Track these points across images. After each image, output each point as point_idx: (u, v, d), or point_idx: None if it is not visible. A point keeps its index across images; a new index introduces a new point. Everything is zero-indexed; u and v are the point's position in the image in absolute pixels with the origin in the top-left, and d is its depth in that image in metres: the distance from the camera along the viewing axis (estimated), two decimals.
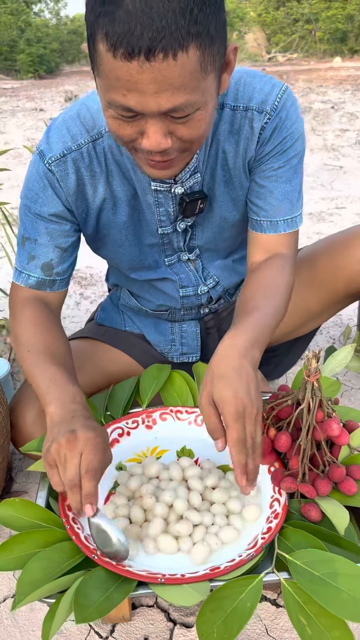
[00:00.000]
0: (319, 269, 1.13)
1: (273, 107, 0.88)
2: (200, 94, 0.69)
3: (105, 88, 0.69)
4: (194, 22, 0.63)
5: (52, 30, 25.01)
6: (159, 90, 0.66)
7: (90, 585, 0.72)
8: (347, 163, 3.62)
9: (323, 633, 0.69)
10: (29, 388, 1.07)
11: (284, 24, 20.53)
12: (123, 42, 0.62)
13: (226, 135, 0.91)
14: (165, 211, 0.96)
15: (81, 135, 0.89)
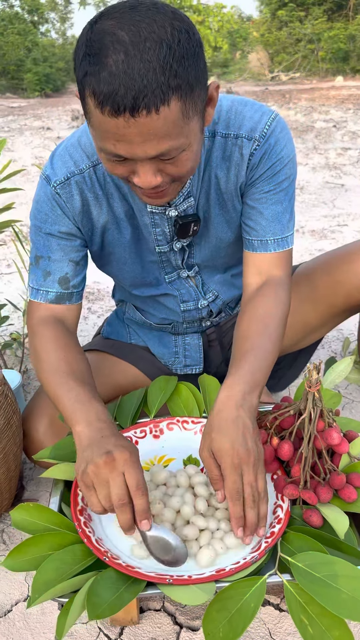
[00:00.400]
0: (318, 284, 1.18)
1: (262, 134, 0.92)
2: (184, 138, 0.74)
3: (97, 137, 0.75)
4: (174, 76, 0.68)
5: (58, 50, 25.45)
6: (145, 141, 0.71)
7: (101, 584, 0.76)
8: (348, 181, 3.68)
9: (324, 632, 0.72)
10: (40, 399, 1.12)
11: (287, 44, 20.84)
12: (109, 101, 0.68)
13: (219, 161, 0.95)
14: (162, 231, 1.00)
15: (82, 160, 0.95)
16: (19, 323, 1.90)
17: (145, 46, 0.67)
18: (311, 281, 1.19)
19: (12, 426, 1.05)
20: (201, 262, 1.10)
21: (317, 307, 1.19)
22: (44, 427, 1.07)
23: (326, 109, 7.15)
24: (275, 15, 23.33)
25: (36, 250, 1.01)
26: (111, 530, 0.89)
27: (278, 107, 7.44)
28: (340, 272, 1.15)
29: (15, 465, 1.08)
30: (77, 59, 0.72)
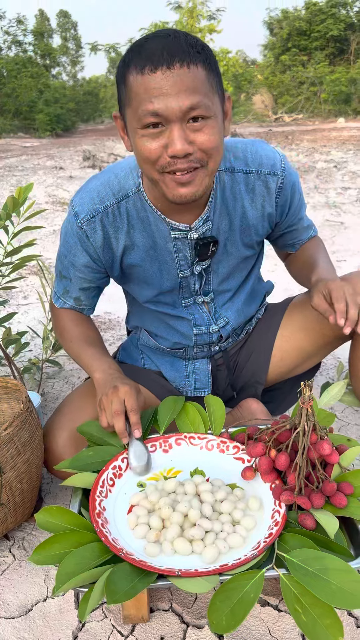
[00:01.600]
0: (309, 315, 1.29)
1: (282, 169, 1.13)
2: (210, 102, 0.90)
3: (136, 108, 0.90)
4: (199, 52, 0.89)
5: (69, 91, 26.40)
6: (179, 91, 0.87)
7: (118, 575, 0.85)
8: (348, 219, 3.85)
9: (316, 620, 0.81)
10: (60, 415, 1.23)
11: (290, 86, 21.54)
12: (149, 61, 0.87)
13: (243, 193, 1.13)
14: (184, 256, 1.15)
15: (108, 198, 1.11)
16: (36, 350, 2.03)
17: (173, 35, 0.89)
18: (303, 312, 1.31)
19: (35, 440, 1.15)
20: (217, 288, 1.24)
21: (310, 335, 1.30)
22: (63, 440, 1.18)
23: (327, 149, 7.41)
24: (278, 60, 24.19)
25: (62, 268, 1.22)
26: (126, 533, 0.99)
27: (281, 148, 7.71)
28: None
29: (37, 476, 1.18)
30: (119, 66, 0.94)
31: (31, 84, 21.74)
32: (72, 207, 1.14)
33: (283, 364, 1.35)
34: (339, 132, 10.89)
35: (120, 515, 1.03)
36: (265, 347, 1.35)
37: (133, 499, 1.05)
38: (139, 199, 1.10)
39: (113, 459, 1.11)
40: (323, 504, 0.98)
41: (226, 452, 1.16)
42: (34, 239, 1.52)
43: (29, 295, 2.72)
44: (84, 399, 1.24)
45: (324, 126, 13.36)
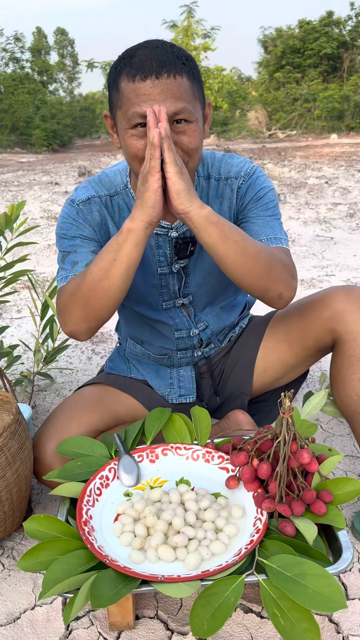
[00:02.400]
0: (292, 328, 1.33)
1: (246, 173, 1.21)
2: (193, 108, 1.01)
3: (126, 111, 1.00)
4: (183, 63, 1.00)
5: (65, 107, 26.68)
6: (165, 98, 0.98)
7: (102, 581, 0.88)
8: (337, 234, 3.91)
9: (294, 624, 0.84)
10: (49, 425, 1.26)
11: (284, 103, 21.85)
12: (139, 70, 0.97)
13: (213, 198, 1.22)
14: (164, 253, 1.22)
15: (101, 190, 1.21)
16: (28, 363, 2.06)
17: (162, 46, 1.00)
18: (286, 325, 1.35)
19: (25, 450, 1.18)
20: (195, 291, 1.29)
21: (292, 347, 1.34)
22: (52, 450, 1.21)
23: (319, 165, 7.52)
24: (273, 77, 24.57)
25: (63, 249, 1.18)
26: (112, 541, 1.01)
27: (274, 165, 7.82)
28: (310, 317, 1.28)
29: (26, 486, 1.21)
30: (110, 71, 1.04)
31: (28, 99, 21.97)
32: (66, 201, 1.22)
33: (266, 375, 1.39)
34: (332, 148, 11.05)
35: (106, 524, 1.05)
36: (249, 359, 1.39)
37: (119, 507, 1.08)
38: (126, 195, 1.20)
39: (100, 469, 1.14)
40: (303, 512, 1.01)
41: (211, 462, 1.19)
42: (27, 254, 1.56)
43: (23, 309, 2.76)
44: (73, 410, 1.27)
45: (317, 142, 13.54)
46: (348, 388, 1.20)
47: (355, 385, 1.19)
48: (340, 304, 1.22)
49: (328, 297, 1.25)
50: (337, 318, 1.22)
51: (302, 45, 24.56)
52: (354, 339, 1.19)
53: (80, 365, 2.08)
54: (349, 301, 1.21)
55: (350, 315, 1.20)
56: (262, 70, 26.57)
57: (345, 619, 1.03)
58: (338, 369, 1.23)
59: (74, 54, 38.97)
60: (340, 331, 1.21)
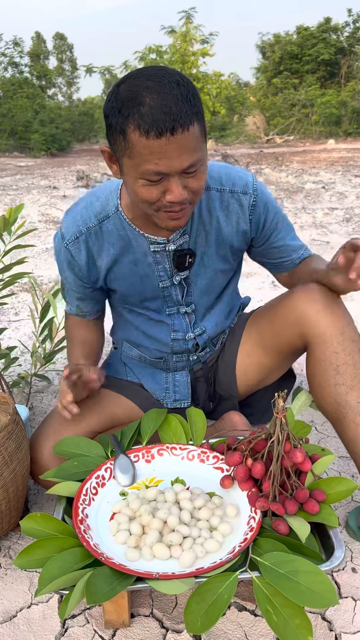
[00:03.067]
0: (264, 334, 1.33)
1: (253, 189, 1.22)
2: (203, 152, 1.00)
3: (138, 164, 0.97)
4: (193, 105, 0.95)
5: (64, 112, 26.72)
6: (181, 154, 0.95)
7: (98, 578, 0.89)
8: (333, 239, 3.94)
9: (286, 621, 0.85)
10: (46, 426, 1.27)
11: (282, 108, 21.95)
12: (153, 127, 0.92)
13: (219, 210, 1.21)
14: (163, 268, 1.23)
15: (90, 220, 1.21)
16: (26, 365, 2.07)
17: (168, 86, 0.93)
18: (259, 331, 1.35)
19: (22, 450, 1.19)
20: (198, 300, 1.31)
21: (267, 352, 1.35)
22: (49, 451, 1.22)
23: (316, 171, 7.56)
24: (271, 82, 24.67)
25: (62, 281, 1.33)
26: (108, 539, 1.03)
27: (271, 170, 7.86)
28: (278, 322, 1.28)
29: (22, 486, 1.22)
30: (113, 111, 0.97)
31: (27, 104, 22.02)
32: (60, 228, 1.25)
33: (247, 379, 1.41)
34: (329, 153, 11.11)
35: (102, 522, 1.07)
36: (230, 363, 1.41)
37: (115, 506, 1.09)
38: (118, 218, 1.20)
39: (97, 468, 1.16)
40: (296, 511, 1.02)
41: (206, 462, 1.21)
42: (25, 256, 1.58)
43: (20, 311, 2.77)
44: None
45: (315, 147, 13.61)
46: (326, 395, 1.18)
47: (332, 392, 1.17)
48: (302, 305, 1.20)
49: (291, 299, 1.23)
50: (302, 321, 1.20)
51: (300, 51, 24.69)
52: (324, 342, 1.17)
53: None
54: (309, 301, 1.19)
55: (314, 317, 1.18)
56: (260, 76, 26.69)
57: (338, 617, 1.04)
58: (312, 373, 1.21)
59: (73, 59, 39.09)
60: (308, 334, 1.20)
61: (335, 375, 1.16)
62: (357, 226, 4.34)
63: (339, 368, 1.16)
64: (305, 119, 20.89)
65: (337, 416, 1.18)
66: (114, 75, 26.21)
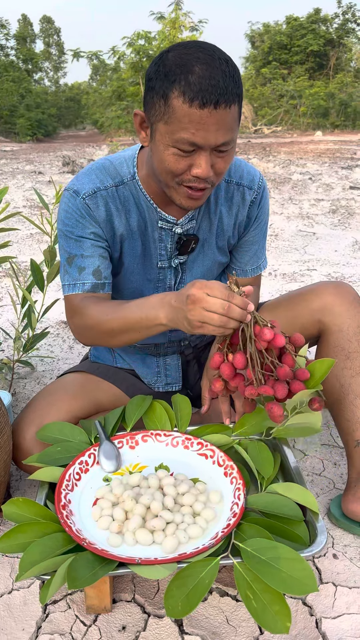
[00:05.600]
0: (280, 318, 1.34)
1: (258, 186, 1.24)
2: (235, 135, 1.01)
3: (174, 131, 0.97)
4: (237, 86, 0.96)
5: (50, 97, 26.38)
6: (219, 129, 0.96)
7: (80, 563, 0.89)
8: (319, 230, 3.95)
9: (266, 606, 0.85)
10: (29, 411, 1.26)
11: (270, 99, 21.91)
12: (198, 97, 0.92)
13: (223, 200, 1.22)
14: (165, 247, 1.22)
15: (106, 180, 1.15)
16: (9, 350, 2.05)
17: (218, 62, 0.94)
18: (274, 315, 1.37)
19: (4, 436, 1.18)
20: None
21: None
22: (31, 435, 1.21)
23: (303, 162, 7.57)
24: (259, 72, 24.60)
25: (68, 252, 1.16)
26: (90, 525, 1.02)
27: (258, 160, 7.84)
28: (299, 308, 1.32)
29: (4, 472, 1.21)
30: (159, 75, 0.97)
31: (12, 88, 21.67)
32: (68, 190, 1.15)
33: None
34: (316, 145, 11.12)
35: (85, 508, 1.06)
36: None
37: (98, 492, 1.09)
38: (134, 187, 1.16)
39: (80, 454, 1.15)
40: (286, 393, 1.01)
41: (190, 449, 1.21)
42: (8, 240, 1.55)
43: (3, 297, 2.74)
44: (54, 396, 1.28)
45: (302, 139, 13.60)
46: (331, 376, 1.22)
47: (338, 373, 1.22)
48: (329, 296, 1.26)
49: (318, 290, 1.29)
50: (325, 310, 1.25)
51: (289, 41, 24.62)
52: (340, 331, 1.23)
53: (61, 354, 2.08)
54: (338, 295, 1.25)
55: (338, 308, 1.24)
56: (249, 66, 26.58)
57: (318, 602, 1.05)
58: (322, 357, 1.25)
59: (60, 43, 38.52)
60: (328, 323, 1.25)
61: (345, 359, 1.22)
62: (342, 217, 4.36)
63: (350, 354, 1.22)
64: (293, 110, 20.87)
65: (337, 397, 1.22)
66: (102, 61, 25.84)
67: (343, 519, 1.20)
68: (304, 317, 1.30)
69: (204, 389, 1.27)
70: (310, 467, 1.42)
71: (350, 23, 25.36)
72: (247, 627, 1.02)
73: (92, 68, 31.64)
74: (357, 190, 5.47)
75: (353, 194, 5.33)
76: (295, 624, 1.01)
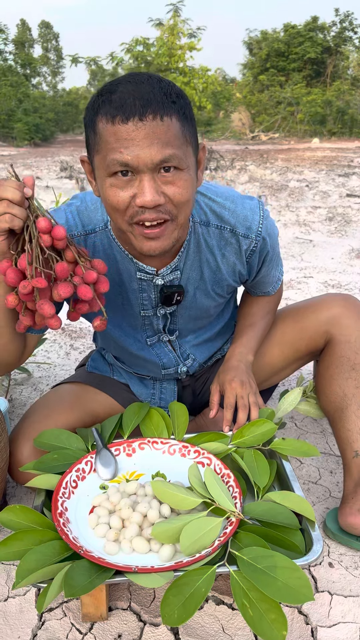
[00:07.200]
0: (286, 330, 1.36)
1: (257, 233, 1.12)
2: (183, 155, 0.88)
3: (104, 156, 0.87)
4: (173, 102, 0.86)
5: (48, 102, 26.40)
6: (151, 144, 0.84)
7: (76, 571, 0.89)
8: (316, 237, 3.97)
9: (262, 615, 0.85)
10: (25, 424, 1.25)
11: (268, 106, 22.00)
12: (120, 111, 0.84)
13: (215, 247, 1.13)
14: (148, 297, 1.16)
15: (76, 227, 1.09)
16: None
17: (148, 79, 0.86)
18: (281, 326, 1.37)
19: (1, 442, 1.18)
20: (182, 328, 1.27)
21: (284, 349, 1.37)
22: (28, 450, 1.20)
23: (300, 169, 7.60)
24: (257, 79, 24.70)
25: None
26: (87, 532, 1.02)
27: (256, 167, 7.87)
28: (306, 320, 1.32)
29: (1, 479, 1.21)
30: (88, 110, 0.90)
31: (10, 92, 21.69)
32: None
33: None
34: (313, 152, 11.17)
35: (82, 516, 1.06)
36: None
37: (95, 500, 1.09)
38: (106, 236, 1.10)
39: (77, 462, 1.15)
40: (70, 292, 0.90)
41: (187, 457, 1.21)
42: None
43: None
44: (50, 408, 1.28)
45: (299, 146, 13.67)
46: (334, 385, 1.23)
47: (342, 383, 1.22)
48: (337, 308, 1.27)
49: (326, 301, 1.30)
50: (333, 321, 1.26)
51: (287, 49, 24.75)
52: (347, 342, 1.24)
53: (58, 360, 2.08)
54: (346, 307, 1.26)
55: (345, 320, 1.25)
56: (246, 72, 26.70)
57: (314, 611, 1.05)
58: (327, 366, 1.26)
59: (58, 48, 38.61)
60: (335, 333, 1.26)
61: (350, 370, 1.22)
62: (339, 225, 4.38)
63: (355, 366, 1.22)
64: (291, 117, 20.97)
65: (339, 406, 1.22)
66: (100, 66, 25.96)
67: (340, 534, 1.18)
68: (311, 328, 1.31)
69: (213, 393, 1.25)
70: (306, 475, 1.43)
71: (347, 31, 25.55)
72: (243, 635, 1.02)
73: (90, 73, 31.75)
74: (353, 197, 5.50)
75: (350, 201, 5.36)
76: (291, 632, 1.01)
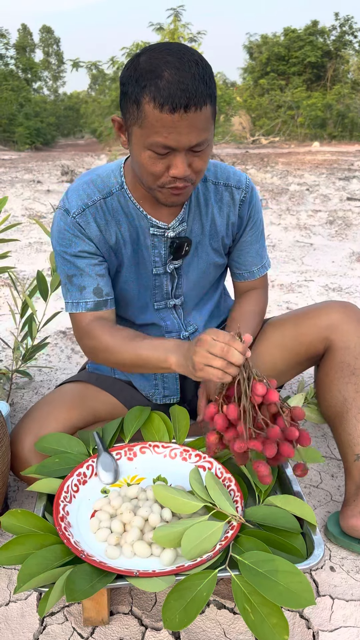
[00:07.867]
0: (286, 334, 1.36)
1: (247, 185, 1.29)
2: (210, 134, 1.03)
3: (147, 134, 1.00)
4: (208, 86, 0.98)
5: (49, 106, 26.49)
6: (191, 132, 0.99)
7: (78, 575, 0.89)
8: (317, 241, 3.98)
9: (263, 619, 0.86)
10: (27, 420, 1.26)
11: (268, 110, 22.03)
12: (168, 102, 0.95)
13: (213, 201, 1.26)
14: (159, 253, 1.24)
15: (94, 194, 1.19)
16: (7, 360, 2.05)
17: (187, 64, 0.96)
18: (281, 331, 1.38)
19: (2, 446, 1.18)
20: (187, 292, 1.32)
21: (284, 354, 1.37)
22: (29, 446, 1.21)
23: (301, 172, 7.61)
24: (257, 83, 24.76)
25: (67, 271, 1.21)
26: (88, 536, 1.02)
27: (256, 170, 7.89)
28: (306, 326, 1.33)
29: (2, 483, 1.21)
30: (130, 80, 1.00)
31: (12, 97, 21.77)
32: (60, 208, 1.20)
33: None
34: (314, 155, 11.20)
35: (83, 520, 1.06)
36: None
37: (96, 504, 1.09)
38: (122, 196, 1.19)
39: (78, 466, 1.15)
40: (274, 453, 1.00)
41: (189, 460, 1.21)
42: (8, 251, 1.56)
43: (2, 306, 2.74)
44: (52, 406, 1.28)
45: (300, 149, 13.70)
46: (334, 390, 1.24)
47: (342, 388, 1.23)
48: (337, 315, 1.29)
49: (325, 308, 1.32)
50: (333, 327, 1.28)
51: (287, 52, 24.82)
52: (347, 348, 1.25)
53: (59, 364, 2.09)
54: (345, 314, 1.28)
55: (345, 326, 1.27)
56: (246, 76, 26.76)
57: (315, 615, 1.05)
58: (327, 372, 1.27)
59: (59, 53, 38.77)
60: (334, 339, 1.27)
61: (350, 375, 1.23)
62: (339, 229, 4.39)
63: (355, 371, 1.24)
64: (291, 121, 21.00)
65: (339, 410, 1.23)
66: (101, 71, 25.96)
67: (342, 537, 1.18)
68: (311, 334, 1.32)
69: (201, 397, 1.27)
70: (307, 479, 1.43)
71: (347, 35, 25.61)
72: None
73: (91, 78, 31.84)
74: (354, 201, 5.51)
75: (350, 205, 5.37)
76: (292, 636, 1.01)
